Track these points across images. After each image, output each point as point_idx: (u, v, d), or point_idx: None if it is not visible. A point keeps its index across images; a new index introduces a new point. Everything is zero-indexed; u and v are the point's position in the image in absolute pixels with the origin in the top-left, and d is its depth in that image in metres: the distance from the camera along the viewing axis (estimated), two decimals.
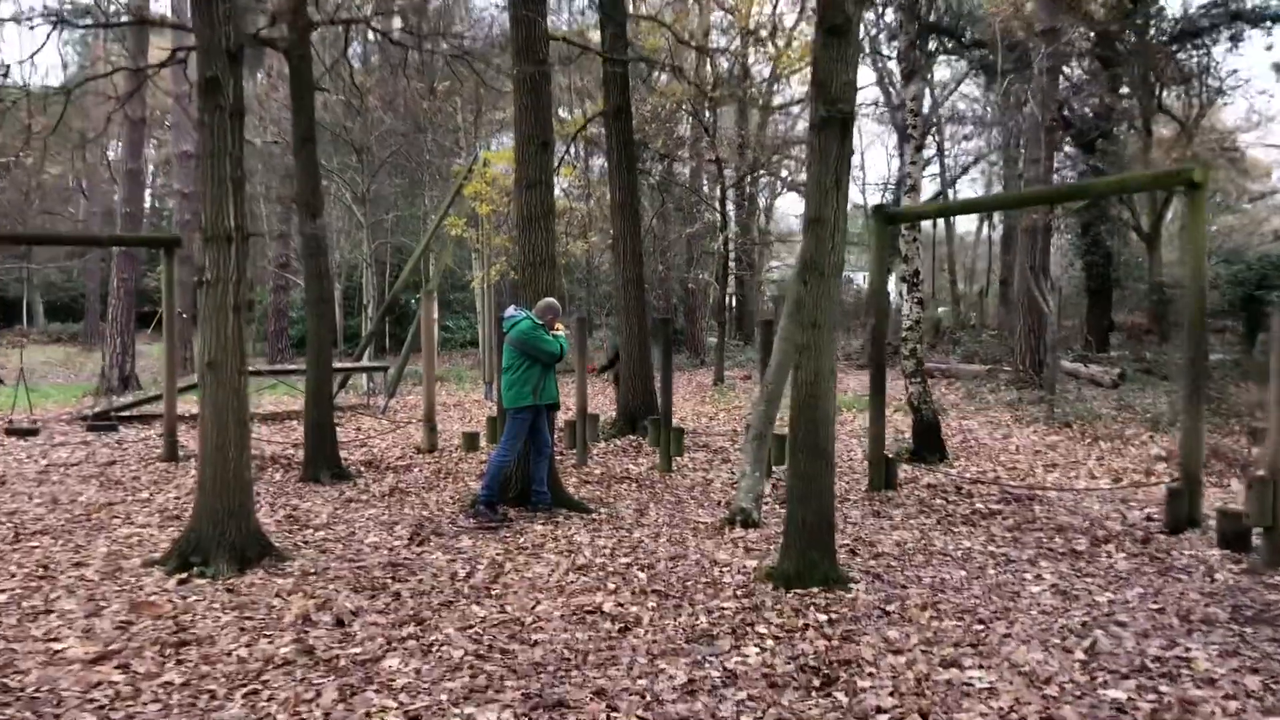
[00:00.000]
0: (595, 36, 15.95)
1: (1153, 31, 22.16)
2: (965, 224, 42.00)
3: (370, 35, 18.85)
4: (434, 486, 9.47)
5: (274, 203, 25.68)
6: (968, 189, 44.17)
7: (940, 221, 34.97)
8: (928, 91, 31.09)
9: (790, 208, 57.37)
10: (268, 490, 9.21)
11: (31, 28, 11.43)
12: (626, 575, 6.12)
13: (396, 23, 15.73)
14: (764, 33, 18.51)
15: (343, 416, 15.47)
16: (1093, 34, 20.94)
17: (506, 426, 8.06)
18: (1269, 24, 21.14)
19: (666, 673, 4.45)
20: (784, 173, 32.36)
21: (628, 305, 12.85)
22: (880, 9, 20.92)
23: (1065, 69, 20.76)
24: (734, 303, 29.74)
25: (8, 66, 10.91)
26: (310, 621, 5.21)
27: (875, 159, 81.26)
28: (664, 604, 5.50)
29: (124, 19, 12.68)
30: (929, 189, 33.94)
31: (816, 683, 4.36)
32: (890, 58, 25.94)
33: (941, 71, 30.44)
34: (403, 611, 5.38)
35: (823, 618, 5.20)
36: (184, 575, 6.14)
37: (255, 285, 31.18)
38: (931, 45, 26.00)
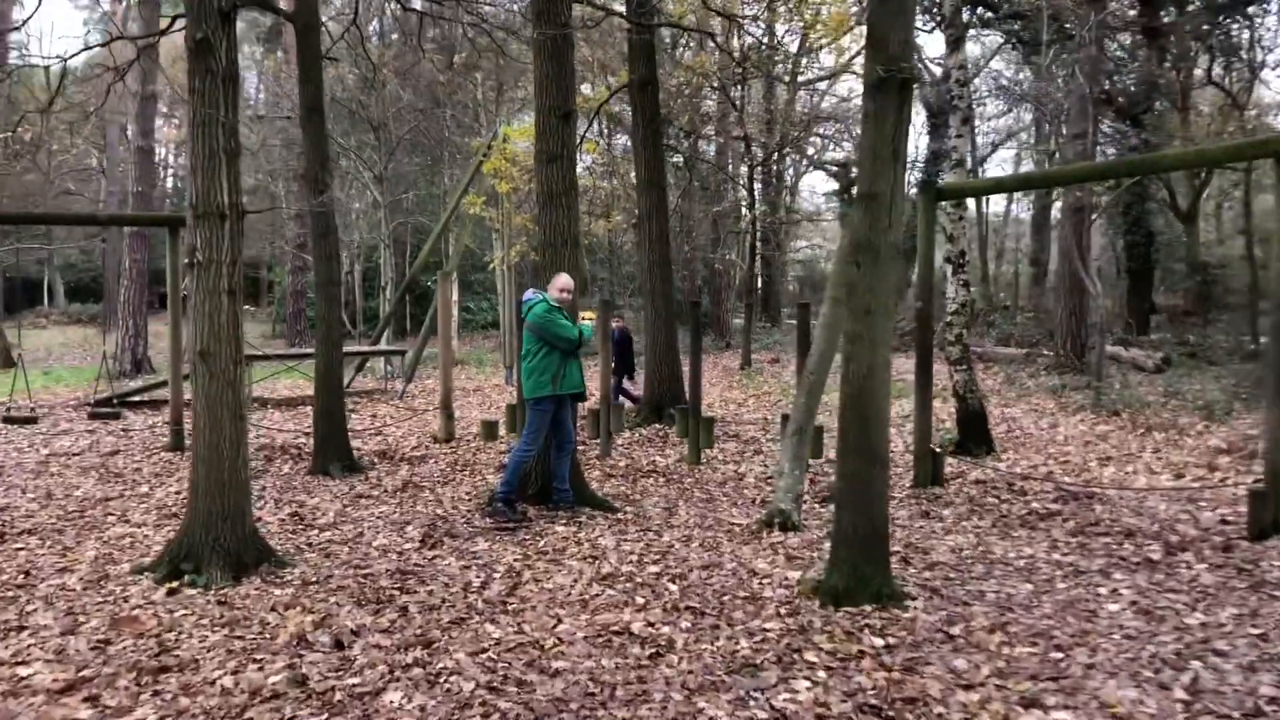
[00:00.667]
0: (619, 5, 15.31)
1: (1198, 1, 21.24)
2: (993, 204, 40.95)
3: (386, 7, 18.24)
4: (450, 480, 8.94)
5: (291, 180, 25.19)
6: (994, 169, 43.35)
7: (970, 200, 33.96)
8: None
9: (817, 185, 56.45)
10: (274, 484, 8.71)
11: None
12: (656, 588, 5.55)
13: None
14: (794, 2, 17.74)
15: (360, 402, 14.99)
16: (1137, 3, 20.07)
17: (527, 419, 7.50)
18: None
19: (706, 713, 3.88)
20: (810, 150, 31.60)
21: (653, 288, 12.26)
22: None
23: (1108, 41, 19.89)
24: (760, 283, 29.02)
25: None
26: (306, 643, 4.68)
27: None
28: (699, 624, 4.93)
29: None
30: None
31: None
32: (923, 30, 25.07)
33: (969, 47, 29.41)
34: (409, 631, 4.84)
35: (879, 642, 4.62)
36: (174, 584, 5.63)
37: (274, 265, 30.82)
38: (965, 16, 25.17)
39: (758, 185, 23.96)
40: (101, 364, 13.51)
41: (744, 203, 22.47)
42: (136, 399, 14.39)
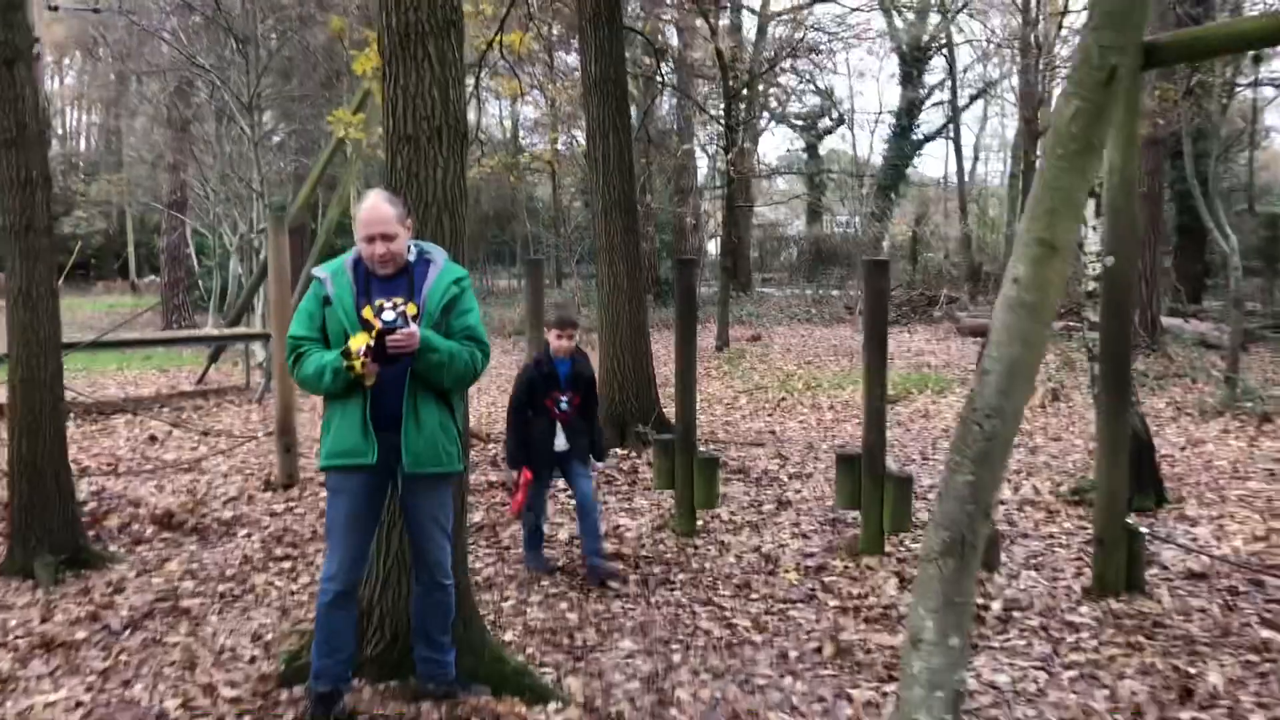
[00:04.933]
0: None
1: None
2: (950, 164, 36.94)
3: None
4: (246, 588, 4.91)
5: (165, 124, 20.62)
6: (974, 122, 40.28)
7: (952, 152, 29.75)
8: (931, 15, 26.21)
9: (769, 149, 51.78)
10: None
11: None
12: None
13: None
14: None
15: (201, 407, 10.87)
16: None
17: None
18: None
19: None
20: (773, 103, 27.60)
21: (611, 243, 8.22)
22: None
23: None
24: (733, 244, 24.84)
25: None
26: None
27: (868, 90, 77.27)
28: None
29: None
30: (936, 119, 29.14)
31: None
32: None
33: None
34: None
35: None
36: None
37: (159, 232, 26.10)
38: None
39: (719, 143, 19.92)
40: None
41: (716, 144, 18.42)
42: None
